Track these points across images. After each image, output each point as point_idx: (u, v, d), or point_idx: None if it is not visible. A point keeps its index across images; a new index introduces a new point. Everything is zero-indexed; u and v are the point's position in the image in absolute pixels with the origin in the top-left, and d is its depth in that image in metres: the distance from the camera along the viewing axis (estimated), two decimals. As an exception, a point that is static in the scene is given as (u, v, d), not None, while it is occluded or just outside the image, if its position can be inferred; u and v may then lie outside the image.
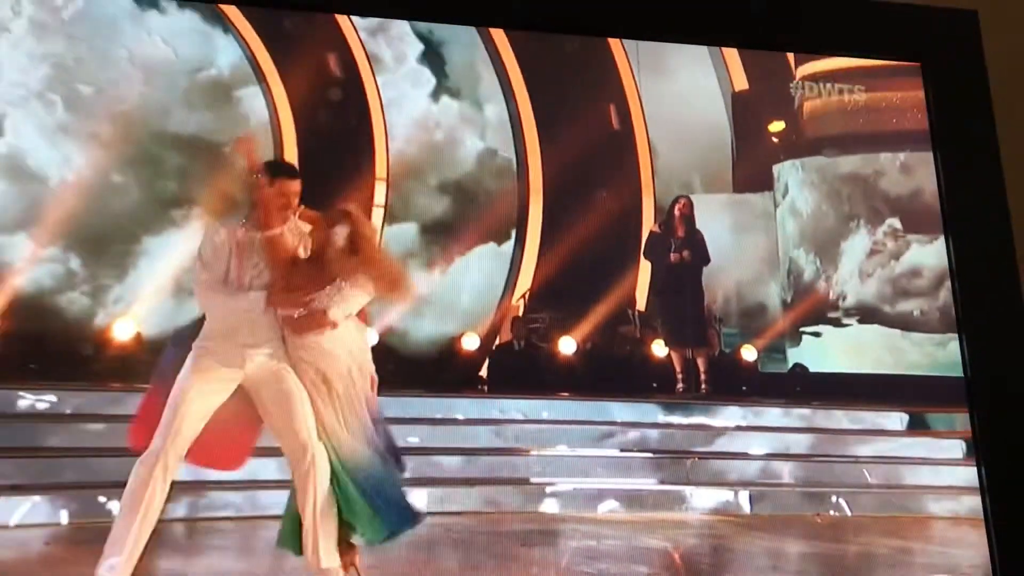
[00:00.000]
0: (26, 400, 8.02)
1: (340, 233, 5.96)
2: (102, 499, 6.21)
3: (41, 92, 12.06)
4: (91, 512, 7.06)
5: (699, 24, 6.17)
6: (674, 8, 5.80)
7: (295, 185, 5.86)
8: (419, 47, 13.86)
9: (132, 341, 8.70)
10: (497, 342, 12.47)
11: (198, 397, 5.74)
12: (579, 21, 6.10)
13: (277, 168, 5.98)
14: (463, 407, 9.59)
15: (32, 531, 6.92)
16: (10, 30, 11.86)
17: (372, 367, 6.12)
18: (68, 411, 8.03)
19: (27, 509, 7.08)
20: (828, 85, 14.25)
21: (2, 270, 11.42)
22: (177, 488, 7.47)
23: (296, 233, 6.00)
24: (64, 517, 7.10)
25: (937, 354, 13.10)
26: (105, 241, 11.86)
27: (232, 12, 12.68)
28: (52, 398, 8.08)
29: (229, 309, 5.83)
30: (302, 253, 5.94)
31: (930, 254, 13.22)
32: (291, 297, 5.71)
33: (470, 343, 11.47)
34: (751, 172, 14.46)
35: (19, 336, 9.84)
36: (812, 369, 12.70)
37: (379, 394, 6.21)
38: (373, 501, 5.87)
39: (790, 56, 14.52)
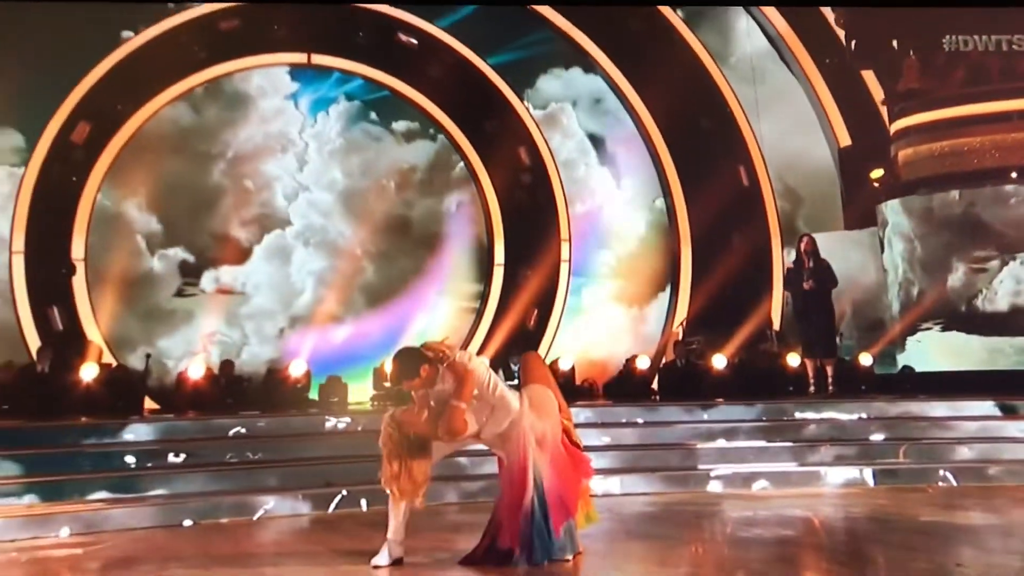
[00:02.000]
0: (331, 422, 9.02)
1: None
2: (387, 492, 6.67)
3: (329, 210, 13.39)
4: (383, 501, 7.58)
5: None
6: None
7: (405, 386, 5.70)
8: (580, 132, 14.53)
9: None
10: (663, 361, 12.89)
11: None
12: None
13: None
14: (641, 413, 9.76)
15: (340, 515, 7.54)
16: (307, 160, 13.26)
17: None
18: (359, 428, 8.84)
19: (338, 499, 7.74)
20: (985, 37, 13.70)
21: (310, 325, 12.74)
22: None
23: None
24: (364, 505, 7.73)
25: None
26: (381, 297, 13.07)
27: (447, 122, 13.72)
28: (347, 420, 9.02)
29: None
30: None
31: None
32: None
33: (643, 363, 11.89)
34: (859, 212, 14.46)
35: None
36: (918, 369, 12.59)
37: (575, 406, 6.28)
38: None
39: (885, 114, 14.58)
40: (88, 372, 9.97)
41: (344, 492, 7.78)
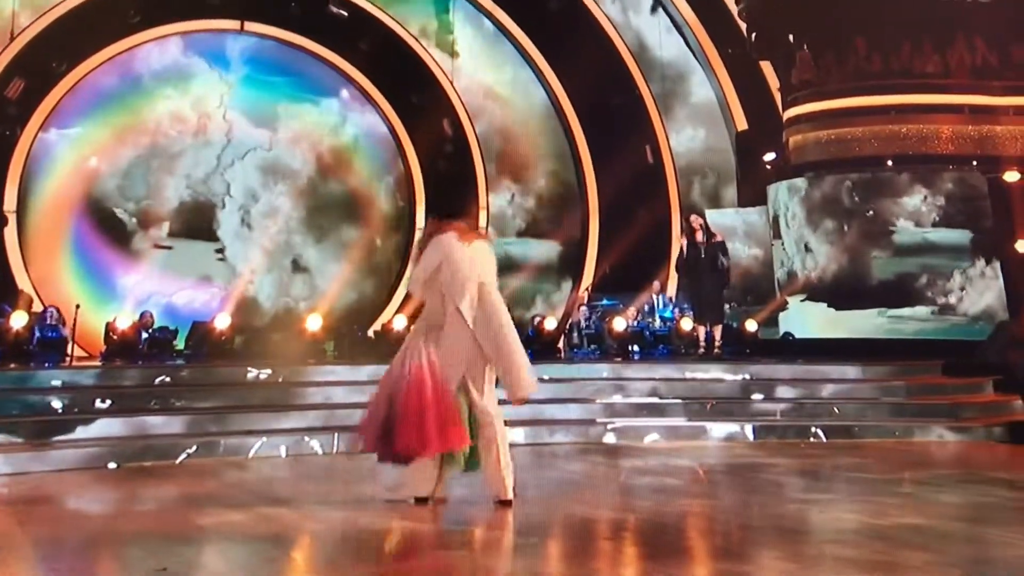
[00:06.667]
0: (252, 373, 8.85)
1: None
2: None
3: (259, 179, 13.06)
4: (301, 449, 7.64)
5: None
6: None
7: None
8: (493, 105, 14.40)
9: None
10: (569, 322, 12.92)
11: None
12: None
13: None
14: (548, 370, 9.50)
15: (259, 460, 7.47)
16: (237, 129, 12.92)
17: None
18: (280, 380, 8.75)
19: (257, 445, 7.56)
20: None
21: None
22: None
23: None
24: (283, 451, 7.61)
25: (921, 321, 12.96)
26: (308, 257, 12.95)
27: (375, 93, 13.45)
28: (269, 371, 8.85)
29: None
30: None
31: (901, 244, 13.18)
32: None
33: (550, 324, 11.91)
34: (751, 191, 14.68)
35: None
36: (798, 336, 12.88)
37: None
38: None
39: (779, 102, 14.77)
40: (17, 320, 9.59)
41: (264, 439, 7.63)
